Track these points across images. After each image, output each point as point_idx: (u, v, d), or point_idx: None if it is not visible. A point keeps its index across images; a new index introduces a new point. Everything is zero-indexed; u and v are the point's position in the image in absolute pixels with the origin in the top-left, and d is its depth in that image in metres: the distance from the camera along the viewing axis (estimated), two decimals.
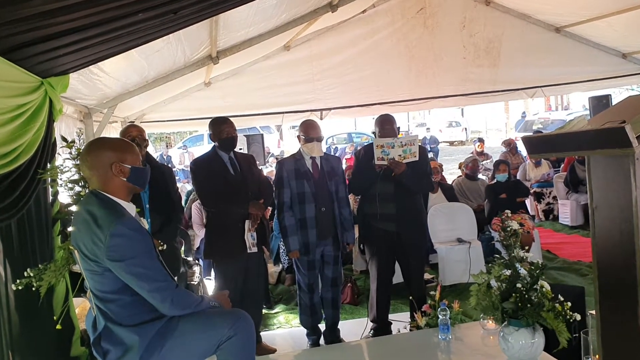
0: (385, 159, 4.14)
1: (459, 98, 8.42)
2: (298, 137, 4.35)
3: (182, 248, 5.39)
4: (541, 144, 2.04)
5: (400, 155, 4.12)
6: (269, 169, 11.84)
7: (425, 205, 6.33)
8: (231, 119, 4.26)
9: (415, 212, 4.36)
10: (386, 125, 4.30)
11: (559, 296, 2.77)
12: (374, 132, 4.46)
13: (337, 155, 18.33)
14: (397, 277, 4.58)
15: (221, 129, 4.09)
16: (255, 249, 4.11)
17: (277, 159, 17.94)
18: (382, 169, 4.20)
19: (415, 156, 4.13)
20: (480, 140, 11.23)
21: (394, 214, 4.26)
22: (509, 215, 3.25)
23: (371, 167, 4.21)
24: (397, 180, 4.19)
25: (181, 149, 21.31)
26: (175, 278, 4.02)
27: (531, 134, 10.34)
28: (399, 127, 4.41)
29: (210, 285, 5.31)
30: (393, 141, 4.11)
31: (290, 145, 28.75)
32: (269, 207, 6.01)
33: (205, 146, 20.47)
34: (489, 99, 8.62)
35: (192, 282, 4.83)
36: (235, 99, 7.39)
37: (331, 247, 4.34)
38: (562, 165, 9.57)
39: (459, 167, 8.43)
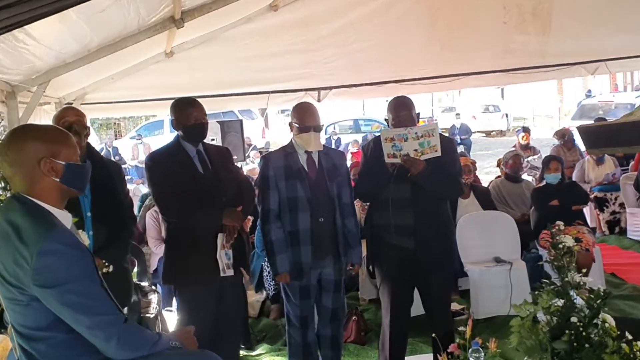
0: (398, 155, 4.15)
1: (497, 75, 8.47)
2: (290, 124, 4.36)
3: (135, 270, 5.38)
4: (602, 136, 2.05)
5: (416, 150, 4.13)
6: (250, 166, 11.86)
7: (454, 214, 6.34)
8: (200, 100, 4.25)
9: (439, 224, 4.36)
10: (402, 111, 4.30)
11: (627, 334, 2.77)
12: (386, 120, 4.48)
13: (340, 149, 18.39)
14: (417, 308, 4.57)
15: (187, 113, 4.09)
16: (231, 272, 4.10)
17: (261, 153, 17.94)
18: (395, 167, 4.20)
19: (436, 150, 4.14)
20: (526, 130, 11.26)
21: (411, 226, 4.26)
22: (562, 227, 3.26)
23: (382, 165, 4.22)
24: (415, 183, 4.21)
25: (134, 139, 21.31)
26: (125, 310, 4.04)
27: (590, 122, 10.43)
28: (418, 114, 4.42)
29: (171, 318, 5.31)
30: (405, 132, 4.12)
31: (278, 135, 28.78)
32: (249, 217, 6.01)
33: (166, 136, 20.52)
34: (537, 77, 8.66)
35: (147, 315, 4.83)
36: (206, 75, 7.42)
37: (331, 269, 4.35)
38: (632, 163, 9.60)
39: (498, 165, 8.43)
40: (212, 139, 8.35)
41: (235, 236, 4.09)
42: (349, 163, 8.62)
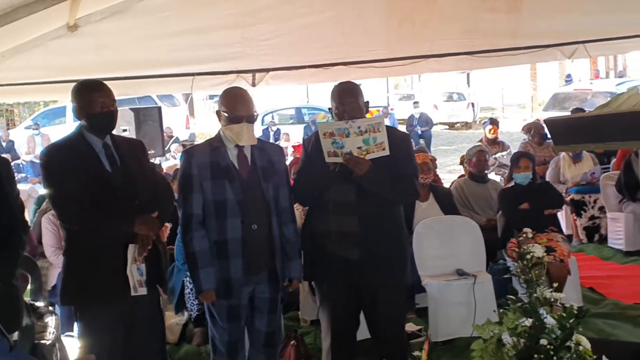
0: (339, 153, 4.18)
1: (462, 58, 8.59)
2: (217, 113, 4.35)
3: (28, 287, 5.25)
4: (572, 130, 2.09)
5: (360, 148, 4.17)
6: (170, 163, 11.77)
7: (410, 219, 6.40)
8: (109, 83, 4.20)
9: (391, 231, 4.41)
10: (347, 99, 4.34)
11: (604, 358, 2.84)
12: (330, 109, 4.50)
13: (278, 143, 18.38)
14: (365, 330, 4.60)
15: (91, 99, 4.03)
16: (144, 290, 4.06)
17: (184, 146, 17.78)
18: (336, 167, 4.24)
19: (383, 148, 4.19)
20: (493, 122, 11.42)
21: (356, 234, 4.30)
22: (530, 235, 3.33)
23: (324, 163, 4.25)
24: (360, 185, 4.25)
25: (30, 129, 20.80)
26: (14, 336, 3.94)
27: (566, 114, 10.63)
28: (367, 102, 4.46)
29: (72, 345, 5.21)
30: (346, 127, 4.15)
31: (205, 125, 28.57)
32: (167, 224, 5.94)
33: (68, 126, 20.08)
34: (507, 61, 8.83)
35: (43, 341, 4.72)
36: (117, 53, 7.30)
37: (266, 286, 4.34)
38: (614, 161, 9.82)
39: (461, 163, 8.58)
40: (124, 130, 8.25)
41: (149, 247, 4.05)
42: (288, 160, 8.66)
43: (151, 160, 4.84)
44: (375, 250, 4.31)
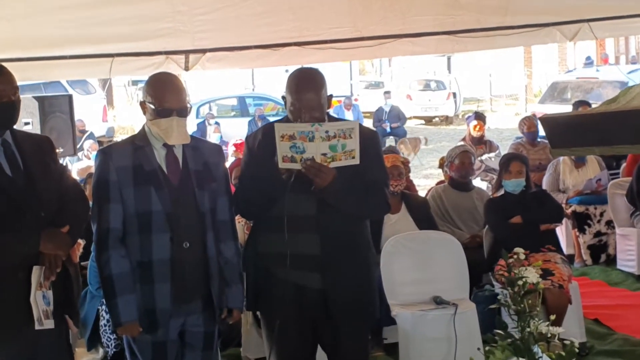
0: (298, 159, 4.18)
1: (441, 39, 8.66)
2: (142, 104, 4.34)
3: None
4: (572, 130, 2.11)
5: (325, 155, 4.16)
6: (83, 164, 11.62)
7: (377, 235, 6.41)
8: (7, 65, 4.15)
9: (358, 252, 4.44)
10: (306, 92, 4.33)
11: None
12: (284, 97, 4.49)
13: (217, 141, 18.27)
14: None
15: None
16: (50, 323, 4.02)
17: (101, 143, 17.59)
18: (291, 175, 4.23)
19: (353, 157, 4.19)
20: (479, 116, 11.49)
21: (316, 256, 4.31)
22: (522, 256, 3.38)
23: (275, 168, 4.25)
24: (323, 198, 4.26)
25: None
26: None
27: (567, 108, 10.60)
28: (330, 96, 4.47)
29: None
30: (312, 130, 4.12)
31: (128, 118, 28.29)
32: (80, 241, 5.88)
33: None
34: (497, 42, 8.91)
35: None
36: (16, 27, 7.22)
37: (199, 318, 4.34)
38: (624, 165, 9.92)
39: (440, 166, 8.64)
40: (26, 123, 8.17)
41: (57, 270, 4.01)
42: (229, 161, 8.63)
43: (60, 162, 4.78)
44: (339, 276, 4.33)
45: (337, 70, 25.65)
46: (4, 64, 4.17)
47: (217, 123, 21.62)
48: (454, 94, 30.78)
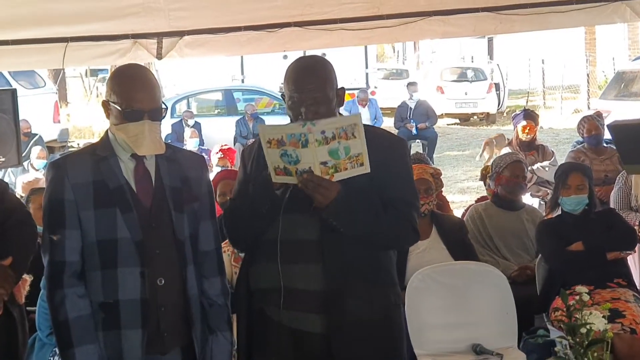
0: (292, 171, 4.16)
1: (481, 17, 8.65)
2: (104, 105, 4.33)
3: None
4: None
5: (325, 164, 4.14)
6: (31, 177, 11.61)
7: (400, 267, 6.39)
8: None
9: (374, 288, 4.42)
10: (308, 84, 4.33)
11: None
12: (282, 95, 4.51)
13: (194, 147, 18.20)
14: None
15: None
16: None
17: (50, 150, 17.61)
18: (288, 191, 4.25)
19: (361, 163, 4.17)
20: (529, 115, 11.44)
21: (319, 293, 4.32)
22: (586, 296, 3.36)
23: (264, 179, 4.26)
24: (324, 218, 4.25)
25: None
26: None
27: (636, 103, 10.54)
28: (342, 88, 4.48)
29: None
30: (303, 130, 4.07)
31: (85, 117, 28.26)
32: (25, 276, 5.86)
33: None
34: (551, 22, 8.89)
35: None
36: None
37: None
38: None
39: (483, 178, 8.59)
40: None
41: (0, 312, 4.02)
42: (211, 174, 8.60)
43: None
44: (347, 318, 4.32)
45: (349, 57, 25.49)
46: None
47: (197, 123, 21.37)
48: (497, 86, 30.68)
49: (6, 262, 4.07)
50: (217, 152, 15.22)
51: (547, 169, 10.51)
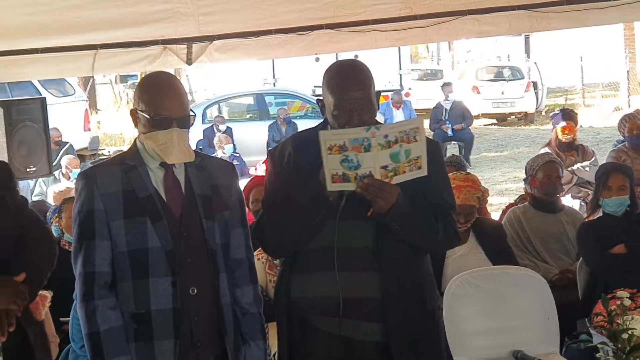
0: (352, 177, 4.14)
1: (518, 15, 8.62)
2: (132, 113, 4.33)
3: None
4: None
5: (385, 169, 4.12)
6: (62, 186, 11.63)
7: (438, 272, 6.35)
8: None
9: (420, 294, 4.44)
10: (351, 91, 4.31)
11: None
12: (319, 100, 4.51)
13: (228, 153, 18.16)
14: None
15: None
16: None
17: (82, 159, 17.66)
18: (343, 198, 4.24)
19: (419, 167, 4.17)
20: (568, 115, 11.34)
21: (376, 301, 4.32)
22: (627, 301, 3.33)
23: (314, 188, 4.24)
24: (382, 224, 4.24)
25: None
26: None
27: None
28: (379, 92, 4.46)
29: None
30: (367, 135, 4.07)
31: (115, 125, 28.33)
32: (45, 292, 5.85)
33: None
34: (588, 19, 8.84)
35: None
36: None
37: None
38: None
39: (527, 179, 8.49)
40: None
41: (10, 329, 4.06)
42: (242, 183, 8.60)
43: (21, 193, 4.78)
44: (407, 324, 4.34)
45: (382, 58, 25.34)
46: None
47: (228, 128, 21.32)
48: (535, 84, 30.50)
49: (19, 278, 4.07)
50: (262, 164, 15.16)
51: (587, 169, 10.42)
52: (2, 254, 4.06)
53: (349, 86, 4.31)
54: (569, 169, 10.22)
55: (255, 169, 14.78)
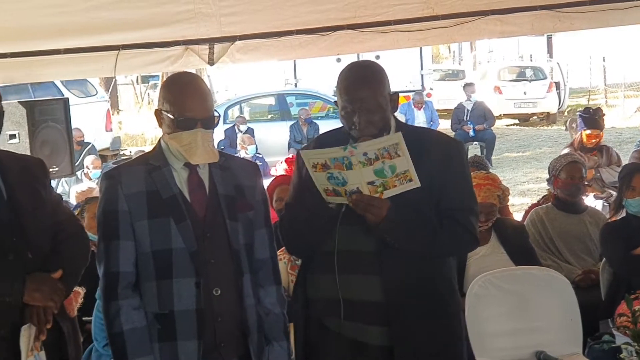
0: (342, 192, 4.17)
1: (540, 15, 8.59)
2: (157, 113, 4.35)
3: None
4: None
5: (372, 184, 4.14)
6: (84, 186, 11.65)
7: (459, 273, 6.34)
8: None
9: (434, 297, 4.41)
10: (360, 92, 4.32)
11: None
12: (335, 102, 4.51)
13: (251, 154, 18.14)
14: None
15: None
16: None
17: (104, 159, 17.68)
18: (342, 207, 4.26)
19: (409, 179, 4.16)
20: (593, 123, 11.26)
21: (379, 304, 4.31)
22: None
23: (319, 193, 4.27)
24: (378, 235, 4.25)
25: None
26: None
27: None
28: (395, 93, 4.45)
29: None
30: (345, 154, 4.08)
31: (136, 125, 28.36)
32: (78, 288, 5.87)
33: None
34: (610, 19, 8.80)
35: None
36: (0, 18, 7.30)
37: None
38: None
39: (550, 179, 8.45)
40: (12, 136, 8.22)
41: (48, 326, 4.05)
42: (266, 182, 8.60)
43: (55, 189, 4.81)
44: (410, 329, 4.31)
45: (404, 58, 25.27)
46: None
47: (250, 129, 21.31)
48: (557, 85, 30.39)
49: (56, 274, 4.07)
50: (282, 163, 15.14)
51: (613, 169, 10.36)
52: (39, 250, 4.06)
53: (354, 86, 4.34)
54: (593, 169, 10.18)
55: (276, 169, 14.76)
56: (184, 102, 4.23)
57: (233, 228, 4.26)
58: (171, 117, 4.22)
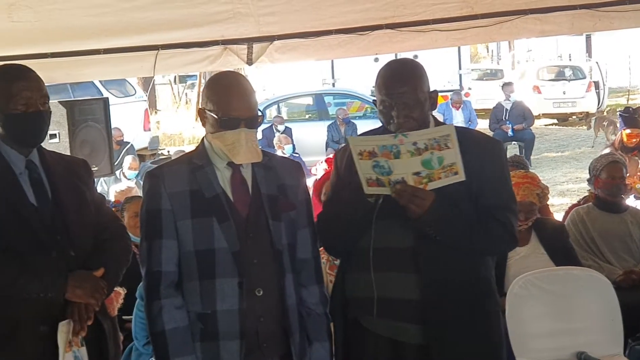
0: (385, 181, 4.16)
1: (579, 15, 8.55)
2: (200, 113, 4.35)
3: None
4: None
5: (418, 175, 4.13)
6: (123, 186, 11.70)
7: (500, 273, 6.34)
8: (27, 63, 4.23)
9: (469, 296, 4.40)
10: (399, 87, 4.32)
11: None
12: (374, 100, 4.51)
13: (288, 153, 18.08)
14: None
15: (11, 92, 4.07)
16: None
17: (142, 158, 17.71)
18: (380, 197, 4.25)
19: (455, 172, 4.15)
20: (633, 122, 11.23)
21: (416, 302, 4.31)
22: None
23: (356, 187, 4.26)
24: (420, 228, 4.25)
25: None
26: None
27: None
28: (434, 92, 4.45)
29: None
30: (395, 142, 4.07)
31: (174, 124, 28.39)
32: (119, 289, 5.89)
33: None
34: None
35: None
36: (41, 17, 7.33)
37: None
38: None
39: (591, 179, 8.43)
40: (53, 136, 8.24)
41: (89, 323, 4.08)
42: (310, 182, 8.63)
43: (99, 189, 4.85)
44: (447, 328, 4.31)
45: (442, 58, 25.12)
46: (24, 62, 4.24)
47: (287, 129, 21.31)
48: (596, 84, 30.20)
49: (98, 273, 4.10)
50: (322, 162, 15.11)
51: None
52: (81, 249, 4.08)
53: (394, 81, 4.35)
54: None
55: (316, 169, 14.75)
56: (228, 101, 4.22)
57: (276, 228, 4.25)
58: (215, 116, 4.22)
